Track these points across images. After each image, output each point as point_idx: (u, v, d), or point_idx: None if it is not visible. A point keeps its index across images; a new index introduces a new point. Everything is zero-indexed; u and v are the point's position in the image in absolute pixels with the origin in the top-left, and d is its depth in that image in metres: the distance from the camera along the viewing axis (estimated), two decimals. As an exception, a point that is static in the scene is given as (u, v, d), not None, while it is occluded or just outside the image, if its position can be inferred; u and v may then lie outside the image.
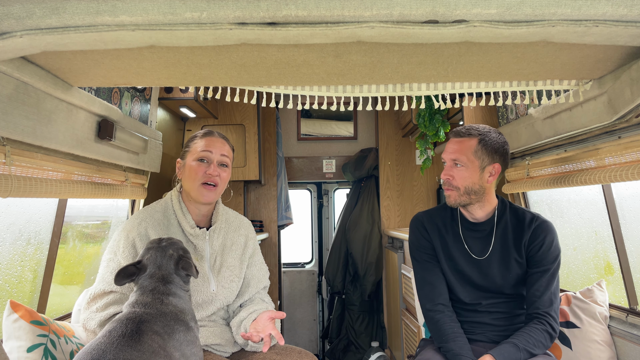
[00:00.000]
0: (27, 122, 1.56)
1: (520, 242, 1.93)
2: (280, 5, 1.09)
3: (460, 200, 1.92)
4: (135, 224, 1.83)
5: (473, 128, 1.93)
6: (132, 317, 1.42)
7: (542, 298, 1.85)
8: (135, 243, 1.79)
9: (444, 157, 1.97)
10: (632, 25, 1.19)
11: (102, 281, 1.76)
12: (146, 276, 1.55)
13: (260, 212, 4.59)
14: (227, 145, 1.96)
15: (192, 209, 1.93)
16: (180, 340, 1.44)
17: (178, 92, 3.13)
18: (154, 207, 1.93)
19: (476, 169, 1.89)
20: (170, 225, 1.87)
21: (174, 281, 1.55)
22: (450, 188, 1.93)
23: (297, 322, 5.33)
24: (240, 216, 2.12)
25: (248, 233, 2.07)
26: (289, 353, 1.85)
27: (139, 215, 1.87)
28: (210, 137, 1.93)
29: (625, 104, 1.67)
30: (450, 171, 1.93)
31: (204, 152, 1.89)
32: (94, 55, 1.42)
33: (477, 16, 1.14)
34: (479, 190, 1.91)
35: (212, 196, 1.89)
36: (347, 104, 2.35)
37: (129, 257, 1.76)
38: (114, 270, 1.76)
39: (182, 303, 1.54)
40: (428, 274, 2.01)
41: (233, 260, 1.95)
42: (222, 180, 1.92)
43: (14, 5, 1.08)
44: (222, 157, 1.92)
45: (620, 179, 1.83)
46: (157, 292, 1.50)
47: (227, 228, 2.00)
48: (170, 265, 1.56)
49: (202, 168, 1.87)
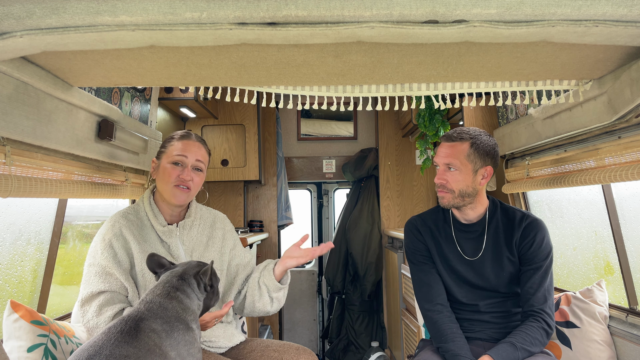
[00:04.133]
0: (27, 122, 1.56)
1: (511, 241, 1.95)
2: (280, 5, 1.09)
3: (454, 202, 1.95)
4: (109, 227, 1.83)
5: (464, 132, 1.94)
6: (133, 315, 1.43)
7: (536, 295, 1.88)
8: (112, 243, 1.79)
9: (436, 161, 1.97)
10: (632, 25, 1.19)
11: (87, 285, 1.76)
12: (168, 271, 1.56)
13: (260, 212, 4.59)
14: (203, 150, 1.95)
15: (165, 209, 1.92)
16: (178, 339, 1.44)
17: (178, 92, 3.13)
18: (127, 209, 1.93)
19: (469, 172, 1.91)
20: (144, 226, 1.87)
21: (189, 281, 1.56)
22: (445, 191, 1.95)
23: (297, 322, 5.33)
24: (213, 211, 2.11)
25: (224, 226, 2.06)
26: (287, 350, 1.85)
27: (112, 218, 1.87)
28: (187, 140, 1.91)
29: (625, 104, 1.67)
30: (444, 175, 1.94)
31: (179, 157, 1.87)
32: (94, 55, 1.43)
33: (477, 16, 1.14)
34: (472, 192, 1.93)
35: (184, 198, 1.88)
36: (347, 104, 2.35)
37: (109, 257, 1.76)
38: (98, 273, 1.76)
39: (189, 302, 1.54)
40: (425, 275, 2.03)
41: (212, 254, 1.94)
42: (195, 184, 1.91)
43: (14, 5, 1.08)
44: (197, 162, 1.90)
45: (620, 179, 1.83)
46: (168, 284, 1.52)
47: (201, 224, 1.98)
48: (194, 270, 1.58)
49: (175, 171, 1.86)
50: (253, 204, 4.60)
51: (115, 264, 1.75)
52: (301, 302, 5.36)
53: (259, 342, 1.93)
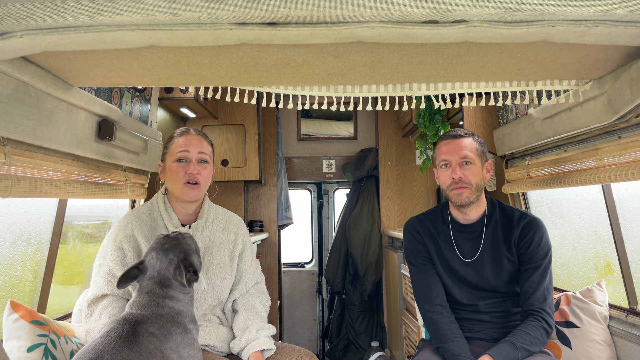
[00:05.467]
0: (27, 122, 1.56)
1: (510, 240, 1.95)
2: (280, 6, 1.09)
3: (472, 197, 1.92)
4: (122, 227, 1.83)
5: (462, 130, 1.99)
6: (129, 318, 1.43)
7: (535, 294, 1.88)
8: (122, 246, 1.79)
9: (447, 159, 1.94)
10: (632, 25, 1.19)
11: (94, 287, 1.77)
12: (146, 277, 1.55)
13: (260, 212, 4.59)
14: (205, 142, 1.93)
15: (178, 209, 1.92)
16: (177, 342, 1.44)
17: (178, 92, 3.13)
18: (141, 209, 1.92)
19: (480, 166, 1.95)
20: (157, 226, 1.87)
21: (172, 285, 1.55)
22: (464, 185, 1.91)
23: (297, 322, 5.33)
24: (229, 213, 2.09)
25: (238, 230, 2.04)
26: (289, 352, 1.85)
27: (126, 218, 1.87)
28: (186, 135, 1.90)
29: (625, 104, 1.67)
30: (460, 170, 1.91)
31: (181, 152, 1.86)
32: (94, 55, 1.43)
33: (477, 16, 1.14)
34: (483, 187, 1.97)
35: (195, 194, 1.87)
36: (347, 104, 2.35)
37: (117, 259, 1.76)
38: (105, 275, 1.77)
39: (180, 305, 1.53)
40: (424, 276, 2.03)
41: (222, 258, 1.93)
42: (204, 177, 1.89)
43: (14, 5, 1.08)
44: (201, 154, 1.89)
45: (620, 179, 1.83)
46: (153, 294, 1.50)
47: (215, 225, 1.97)
48: (170, 271, 1.56)
49: (181, 168, 1.85)
50: (253, 203, 4.60)
51: (123, 267, 1.75)
52: (301, 302, 5.36)
53: None
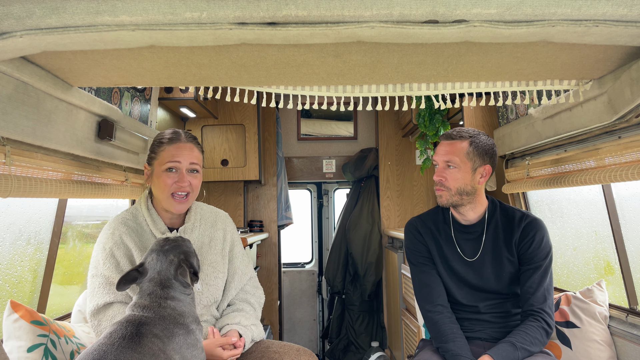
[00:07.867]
0: (27, 122, 1.56)
1: (511, 241, 1.95)
2: (280, 5, 1.09)
3: (452, 200, 1.95)
4: (109, 235, 1.80)
5: (463, 131, 1.97)
6: (132, 319, 1.42)
7: (535, 295, 1.88)
8: (113, 252, 1.77)
9: (435, 160, 1.99)
10: (632, 25, 1.19)
11: (94, 297, 1.74)
12: (147, 279, 1.55)
13: (260, 212, 4.59)
14: (196, 150, 1.87)
15: (164, 214, 1.88)
16: (180, 343, 1.44)
17: (178, 92, 3.13)
18: (124, 215, 1.88)
19: (468, 170, 1.93)
20: (143, 232, 1.84)
21: (173, 286, 1.54)
22: (442, 188, 1.96)
23: (297, 322, 5.33)
24: (215, 210, 2.05)
25: (225, 226, 2.01)
26: (287, 351, 1.85)
27: (111, 226, 1.83)
28: (177, 143, 1.82)
29: (625, 104, 1.67)
30: (443, 172, 1.96)
31: (172, 163, 1.80)
32: (94, 55, 1.42)
33: (477, 16, 1.14)
34: (471, 191, 1.95)
35: (183, 207, 1.84)
36: (347, 104, 2.35)
37: (111, 267, 1.74)
38: (102, 284, 1.75)
39: (182, 306, 1.53)
40: (425, 276, 2.03)
41: (214, 257, 1.92)
42: (194, 187, 1.85)
43: (14, 5, 1.08)
44: (192, 165, 1.84)
45: (620, 179, 1.83)
46: (155, 295, 1.50)
47: (202, 225, 1.95)
48: (170, 271, 1.56)
49: (171, 178, 1.80)
50: (253, 203, 4.60)
51: (118, 273, 1.73)
52: (301, 302, 5.36)
53: (259, 343, 1.92)
